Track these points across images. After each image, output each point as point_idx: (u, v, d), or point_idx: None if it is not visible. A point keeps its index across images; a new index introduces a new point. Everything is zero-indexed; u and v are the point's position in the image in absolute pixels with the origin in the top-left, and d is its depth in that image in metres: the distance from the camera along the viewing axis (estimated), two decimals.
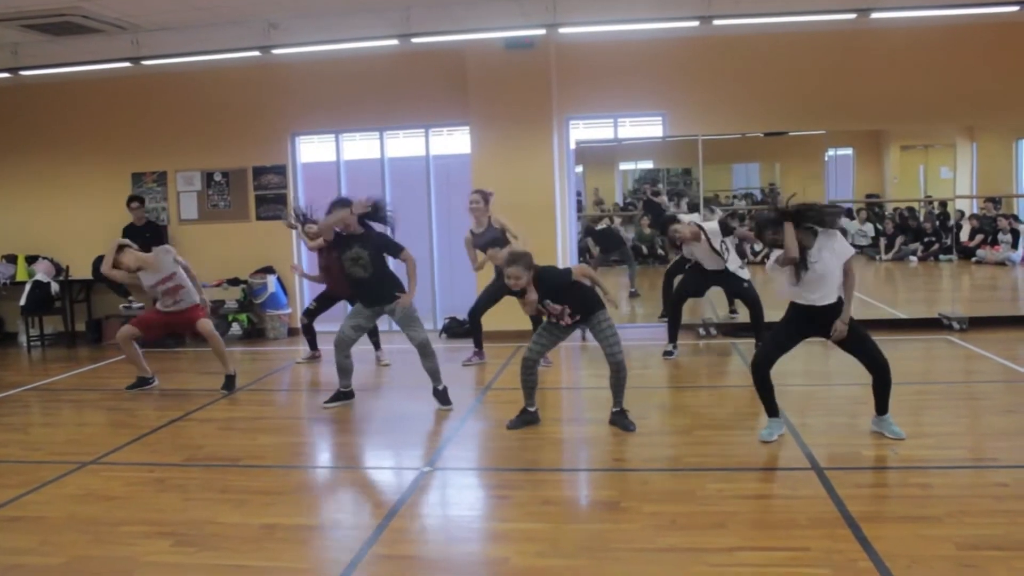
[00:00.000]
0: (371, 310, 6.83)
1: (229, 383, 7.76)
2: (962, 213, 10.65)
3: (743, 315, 9.07)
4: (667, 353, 8.57)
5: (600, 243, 10.99)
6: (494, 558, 3.92)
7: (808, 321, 5.33)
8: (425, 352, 6.75)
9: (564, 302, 5.81)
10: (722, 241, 8.20)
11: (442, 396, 6.78)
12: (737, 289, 8.52)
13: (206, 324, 7.75)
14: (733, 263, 8.33)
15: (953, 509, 4.14)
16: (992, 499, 4.30)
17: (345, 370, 6.89)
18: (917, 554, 3.65)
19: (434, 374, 6.79)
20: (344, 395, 7.01)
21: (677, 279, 8.93)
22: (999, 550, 3.66)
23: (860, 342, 5.28)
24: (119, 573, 3.83)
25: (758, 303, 8.30)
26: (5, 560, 4.01)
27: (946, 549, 3.69)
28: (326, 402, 6.96)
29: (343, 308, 8.92)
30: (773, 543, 3.87)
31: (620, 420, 5.95)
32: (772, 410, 5.53)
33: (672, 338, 8.64)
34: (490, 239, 8.03)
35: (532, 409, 6.11)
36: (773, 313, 7.81)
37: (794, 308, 5.38)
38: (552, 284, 5.79)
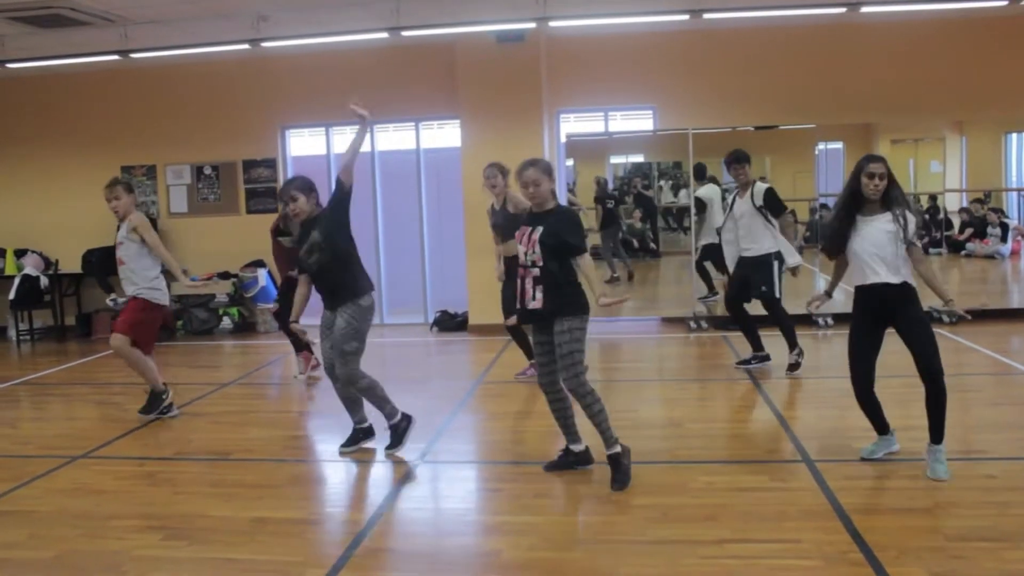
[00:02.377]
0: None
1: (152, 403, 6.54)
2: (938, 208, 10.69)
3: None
4: (760, 360, 7.39)
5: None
6: (487, 551, 3.92)
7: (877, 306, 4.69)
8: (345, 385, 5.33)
9: (547, 267, 4.55)
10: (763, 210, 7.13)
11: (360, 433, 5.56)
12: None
13: (116, 341, 6.31)
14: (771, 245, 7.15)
15: (942, 501, 4.16)
16: (981, 491, 4.32)
17: (354, 400, 5.48)
18: (907, 545, 3.67)
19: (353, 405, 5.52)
20: (363, 433, 5.60)
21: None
22: (988, 541, 3.68)
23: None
24: (109, 567, 3.82)
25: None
26: None
27: (935, 540, 3.71)
28: (343, 445, 5.55)
29: None
30: (764, 535, 3.89)
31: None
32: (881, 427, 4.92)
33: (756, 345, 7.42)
34: (503, 220, 6.74)
35: (578, 449, 4.93)
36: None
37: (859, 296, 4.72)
38: (567, 222, 4.62)
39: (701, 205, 9.86)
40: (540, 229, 4.56)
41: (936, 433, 4.55)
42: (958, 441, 5.29)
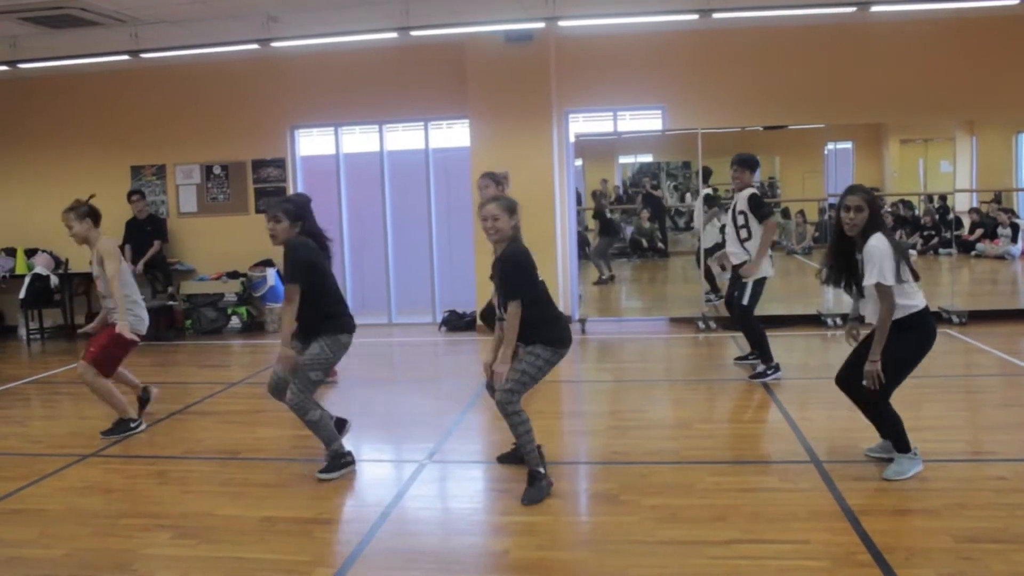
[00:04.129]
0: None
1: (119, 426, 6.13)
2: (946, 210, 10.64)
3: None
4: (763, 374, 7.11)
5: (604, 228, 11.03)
6: (494, 551, 3.92)
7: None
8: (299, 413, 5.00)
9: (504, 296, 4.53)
10: (743, 214, 7.04)
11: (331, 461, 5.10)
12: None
13: (82, 370, 5.98)
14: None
15: (951, 502, 4.15)
16: (991, 492, 4.30)
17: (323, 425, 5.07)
18: (915, 547, 3.66)
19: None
20: (342, 459, 5.13)
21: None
22: (997, 543, 3.67)
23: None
24: (119, 565, 3.83)
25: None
26: (6, 552, 4.02)
27: (944, 542, 3.70)
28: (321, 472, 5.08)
29: None
30: (772, 536, 3.88)
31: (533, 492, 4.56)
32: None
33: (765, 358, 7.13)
34: None
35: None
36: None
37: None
38: (509, 266, 4.50)
39: (711, 200, 9.91)
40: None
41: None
42: (968, 443, 5.29)
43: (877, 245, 4.38)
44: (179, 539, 4.12)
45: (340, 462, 5.07)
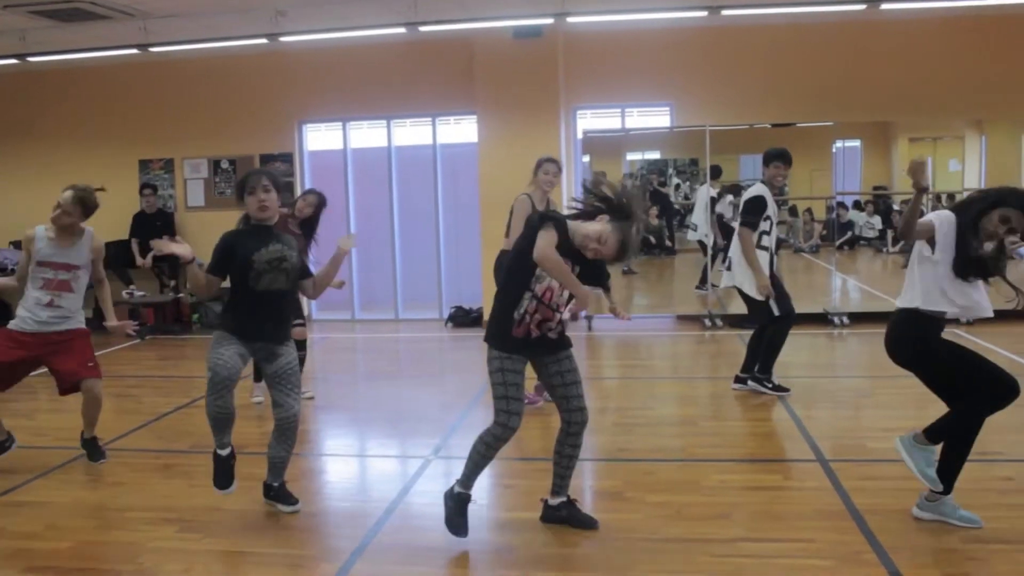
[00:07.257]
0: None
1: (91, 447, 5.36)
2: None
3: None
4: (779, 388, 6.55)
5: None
6: (500, 547, 3.93)
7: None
8: (287, 432, 4.33)
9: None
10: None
11: (280, 494, 4.42)
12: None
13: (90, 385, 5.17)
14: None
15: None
16: (997, 493, 4.30)
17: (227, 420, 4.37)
18: (921, 546, 3.66)
19: (278, 466, 4.40)
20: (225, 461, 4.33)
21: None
22: (1003, 543, 3.66)
23: None
24: (125, 558, 3.85)
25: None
26: (12, 544, 4.03)
27: (950, 542, 3.70)
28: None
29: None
30: (777, 534, 3.88)
31: (576, 514, 4.08)
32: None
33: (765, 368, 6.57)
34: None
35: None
36: None
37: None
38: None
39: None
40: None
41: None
42: (975, 443, 5.26)
43: None
44: (185, 532, 4.13)
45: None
